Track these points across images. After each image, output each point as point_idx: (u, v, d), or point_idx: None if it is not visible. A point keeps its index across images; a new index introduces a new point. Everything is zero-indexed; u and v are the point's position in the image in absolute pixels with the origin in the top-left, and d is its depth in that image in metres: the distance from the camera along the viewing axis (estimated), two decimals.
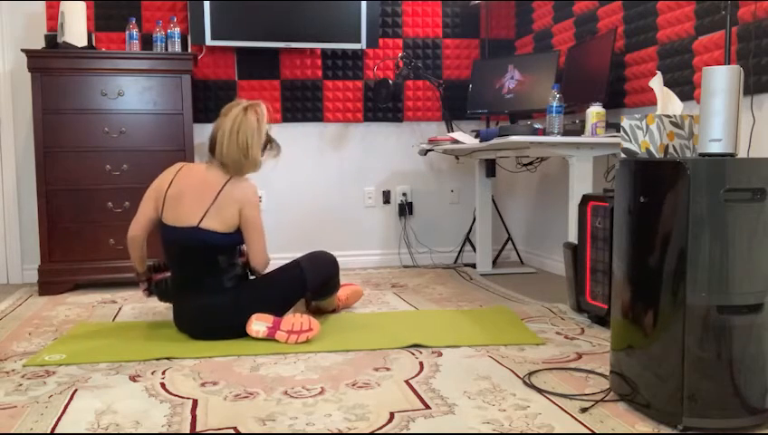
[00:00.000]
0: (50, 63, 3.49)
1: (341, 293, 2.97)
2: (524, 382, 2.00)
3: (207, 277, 2.53)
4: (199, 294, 2.54)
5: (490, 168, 4.02)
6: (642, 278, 1.72)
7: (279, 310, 2.59)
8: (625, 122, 2.10)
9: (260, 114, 2.60)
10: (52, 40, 3.53)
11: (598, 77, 3.21)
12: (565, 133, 2.96)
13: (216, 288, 2.53)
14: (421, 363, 2.21)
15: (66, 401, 1.89)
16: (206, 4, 3.84)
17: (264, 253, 2.60)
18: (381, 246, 4.39)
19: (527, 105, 3.79)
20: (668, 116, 2.10)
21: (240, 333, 2.52)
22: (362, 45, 4.09)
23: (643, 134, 2.09)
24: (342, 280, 2.96)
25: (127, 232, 2.64)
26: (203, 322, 2.53)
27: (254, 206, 2.55)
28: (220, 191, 2.52)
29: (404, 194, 4.40)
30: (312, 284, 2.72)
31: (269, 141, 2.68)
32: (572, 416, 1.74)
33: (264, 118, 2.62)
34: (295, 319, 2.49)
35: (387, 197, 4.39)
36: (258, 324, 2.50)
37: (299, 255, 2.78)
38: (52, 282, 3.52)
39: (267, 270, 2.66)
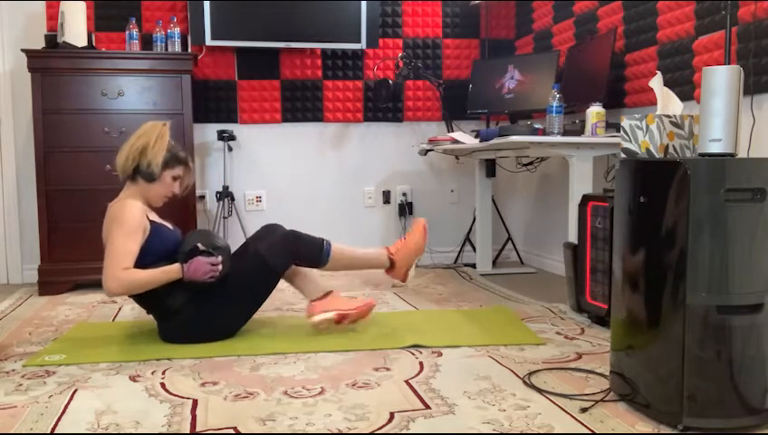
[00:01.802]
0: (50, 63, 3.49)
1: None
2: (524, 382, 2.00)
3: (144, 304, 2.49)
4: (157, 319, 2.53)
5: (490, 168, 4.02)
6: (642, 278, 1.72)
7: (253, 304, 2.52)
8: (625, 122, 2.10)
9: (164, 129, 2.53)
10: (52, 40, 3.53)
11: (598, 77, 3.21)
12: (565, 133, 2.96)
13: (162, 312, 2.47)
14: (421, 363, 2.21)
15: (66, 401, 1.89)
16: (206, 4, 3.83)
17: (109, 278, 2.33)
18: (381, 246, 4.37)
19: (527, 105, 3.79)
20: (668, 116, 2.10)
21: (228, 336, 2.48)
22: (362, 45, 4.09)
23: (643, 134, 2.09)
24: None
25: None
26: (174, 339, 2.48)
27: (116, 224, 2.39)
28: (105, 217, 2.48)
29: (404, 194, 4.40)
30: (277, 258, 2.48)
31: (178, 160, 2.56)
32: (572, 416, 1.74)
33: (167, 133, 2.53)
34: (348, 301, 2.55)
35: (387, 197, 4.39)
36: (322, 316, 2.52)
37: None
38: (52, 282, 3.52)
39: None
